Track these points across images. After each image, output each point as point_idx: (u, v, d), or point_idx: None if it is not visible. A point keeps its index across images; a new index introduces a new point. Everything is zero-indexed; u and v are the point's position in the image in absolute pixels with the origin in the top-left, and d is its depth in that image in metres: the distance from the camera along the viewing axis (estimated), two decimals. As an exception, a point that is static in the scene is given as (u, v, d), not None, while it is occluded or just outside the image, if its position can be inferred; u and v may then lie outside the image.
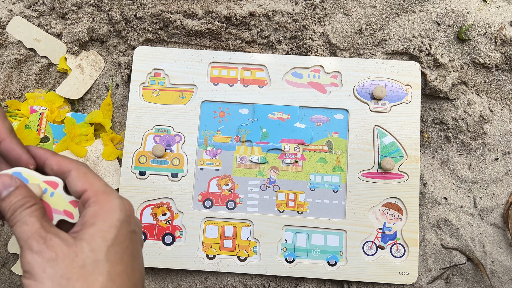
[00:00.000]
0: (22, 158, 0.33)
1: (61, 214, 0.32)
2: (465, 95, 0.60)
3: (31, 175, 0.32)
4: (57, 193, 0.32)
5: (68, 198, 0.33)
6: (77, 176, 0.32)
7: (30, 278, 0.27)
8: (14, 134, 0.35)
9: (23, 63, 0.61)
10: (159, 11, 0.59)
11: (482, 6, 0.61)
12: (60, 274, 0.27)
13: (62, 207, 0.32)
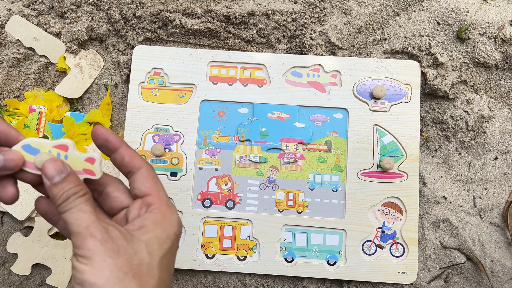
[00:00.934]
0: (11, 133, 0.32)
1: (82, 174, 0.32)
2: (465, 94, 0.60)
3: (40, 144, 0.32)
4: (70, 154, 0.32)
5: (82, 156, 0.32)
6: (147, 177, 0.33)
7: (88, 264, 0.28)
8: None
9: (22, 62, 0.60)
10: (158, 10, 0.59)
11: (481, 5, 0.61)
12: (119, 267, 0.28)
13: (81, 167, 0.32)
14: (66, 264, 0.57)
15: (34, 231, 0.57)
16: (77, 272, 0.28)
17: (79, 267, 0.28)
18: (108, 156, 0.34)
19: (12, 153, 0.31)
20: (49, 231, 0.57)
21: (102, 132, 0.33)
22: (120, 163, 0.34)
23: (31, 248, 0.56)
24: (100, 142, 0.33)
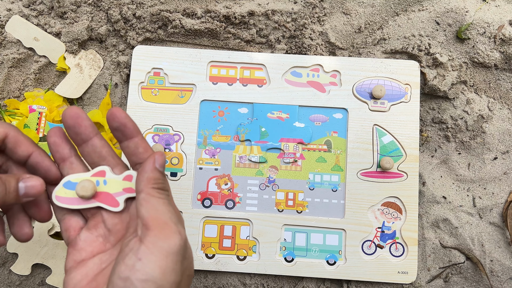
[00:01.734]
0: (51, 170, 0.34)
1: (123, 194, 0.33)
2: (464, 94, 0.60)
3: (79, 177, 0.33)
4: (109, 179, 0.33)
5: (120, 177, 0.33)
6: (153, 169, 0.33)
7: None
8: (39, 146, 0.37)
9: (22, 62, 0.60)
10: (158, 10, 0.59)
11: (481, 5, 0.61)
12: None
13: (120, 187, 0.33)
14: (66, 264, 0.57)
15: (34, 231, 0.57)
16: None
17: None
18: (119, 142, 0.33)
19: (33, 180, 0.31)
20: (49, 231, 0.57)
21: (121, 116, 0.32)
22: (132, 153, 0.33)
23: (31, 248, 0.56)
24: (116, 125, 0.32)
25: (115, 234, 0.33)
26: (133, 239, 0.29)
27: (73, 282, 0.31)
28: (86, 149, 0.33)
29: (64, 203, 0.33)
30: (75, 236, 0.33)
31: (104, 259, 0.32)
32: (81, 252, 0.32)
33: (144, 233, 0.28)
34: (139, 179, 0.31)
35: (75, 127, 0.32)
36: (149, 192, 0.30)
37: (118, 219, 0.33)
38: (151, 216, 0.29)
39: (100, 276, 0.31)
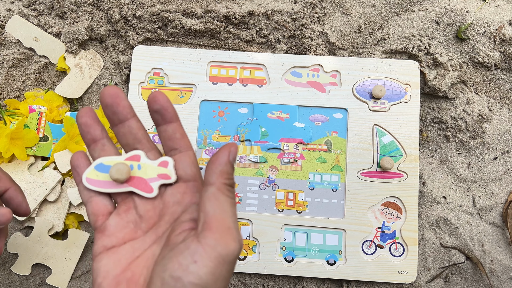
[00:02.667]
0: (22, 205, 0.36)
1: (157, 180, 0.31)
2: (464, 94, 0.60)
3: (112, 160, 0.32)
4: (143, 163, 0.32)
5: (155, 162, 0.32)
6: (194, 162, 0.32)
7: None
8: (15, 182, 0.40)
9: (22, 62, 0.61)
10: (158, 10, 0.59)
11: (481, 5, 0.61)
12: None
13: (155, 173, 0.32)
14: (66, 264, 0.57)
15: (34, 231, 0.57)
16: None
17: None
18: (157, 125, 0.32)
19: (2, 210, 0.32)
20: (49, 231, 0.57)
21: (163, 100, 0.31)
22: (170, 137, 0.32)
23: (31, 248, 0.56)
24: (157, 108, 0.31)
25: (147, 221, 0.31)
26: (190, 237, 0.27)
27: (105, 269, 0.29)
28: (122, 129, 0.32)
29: (95, 186, 0.32)
30: (103, 220, 0.31)
31: (137, 247, 0.30)
32: (111, 238, 0.31)
33: (205, 233, 0.26)
34: (212, 170, 0.29)
35: (113, 106, 0.31)
36: (220, 188, 0.28)
37: (150, 205, 0.32)
38: (216, 216, 0.27)
39: (134, 266, 0.29)
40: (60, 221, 0.57)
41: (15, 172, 0.57)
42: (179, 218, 0.30)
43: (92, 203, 0.32)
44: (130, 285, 0.28)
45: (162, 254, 0.28)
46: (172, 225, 0.30)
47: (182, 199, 0.31)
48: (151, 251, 0.30)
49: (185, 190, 0.31)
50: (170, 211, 0.31)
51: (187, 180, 0.31)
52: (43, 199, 0.57)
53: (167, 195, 0.32)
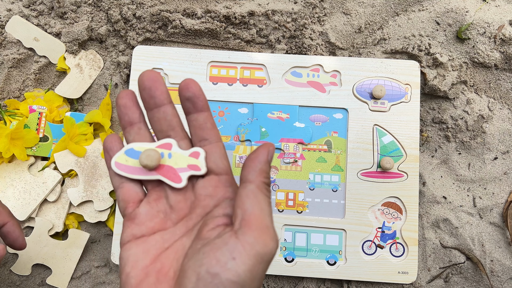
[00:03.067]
0: (18, 240, 0.39)
1: (187, 171, 0.31)
2: (465, 94, 0.60)
3: (142, 146, 0.31)
4: (174, 152, 0.31)
5: (186, 152, 0.31)
6: (224, 155, 0.32)
7: None
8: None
9: (22, 62, 0.60)
10: (158, 10, 0.59)
11: (481, 5, 0.61)
12: None
13: (185, 163, 0.31)
14: (66, 264, 0.57)
15: (34, 231, 0.57)
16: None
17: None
18: (188, 114, 0.31)
19: None
20: (49, 231, 0.57)
21: (196, 88, 0.30)
22: (200, 126, 0.31)
23: (32, 248, 0.56)
24: (189, 95, 0.30)
25: (177, 212, 0.31)
26: (226, 233, 0.26)
27: (134, 259, 0.28)
28: (157, 114, 0.31)
29: (124, 171, 0.31)
30: (133, 208, 0.31)
31: (166, 238, 0.30)
32: (140, 226, 0.30)
33: (244, 230, 0.26)
34: (251, 168, 0.28)
35: (151, 90, 0.30)
36: (259, 186, 0.28)
37: (182, 196, 0.31)
38: (256, 214, 0.26)
39: (164, 257, 0.29)
40: (60, 221, 0.57)
41: (15, 173, 0.57)
42: (211, 213, 0.30)
43: (123, 189, 0.31)
44: (159, 277, 0.28)
45: (194, 248, 0.28)
46: (204, 218, 0.30)
47: (215, 193, 0.30)
48: (181, 243, 0.29)
49: (217, 183, 0.31)
50: (201, 204, 0.30)
51: (219, 173, 0.31)
52: (43, 199, 0.57)
53: (198, 187, 0.31)
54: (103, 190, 0.57)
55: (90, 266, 0.58)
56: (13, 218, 0.44)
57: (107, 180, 0.58)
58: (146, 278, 0.28)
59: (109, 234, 0.59)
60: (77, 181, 0.58)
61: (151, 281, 0.27)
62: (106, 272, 0.58)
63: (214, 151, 0.31)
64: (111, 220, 0.58)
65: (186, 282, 0.26)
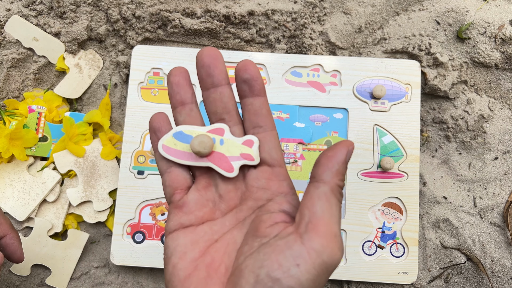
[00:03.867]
0: (16, 252, 0.41)
1: (239, 159, 0.28)
2: (465, 94, 0.60)
3: (193, 130, 0.29)
4: (226, 139, 0.29)
5: (239, 140, 0.29)
6: (279, 146, 0.29)
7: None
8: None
9: (21, 62, 0.60)
10: (157, 10, 0.59)
11: (481, 5, 0.61)
12: None
13: (238, 152, 0.29)
14: (66, 264, 0.57)
15: (33, 232, 0.56)
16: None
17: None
18: (243, 97, 0.29)
19: None
20: (48, 232, 0.57)
21: (254, 70, 0.28)
22: (255, 112, 0.29)
23: (31, 249, 0.56)
24: (246, 77, 0.29)
25: (227, 202, 0.29)
26: (288, 234, 0.24)
27: (182, 250, 0.27)
28: (213, 95, 0.29)
29: (172, 156, 0.29)
30: (181, 195, 0.29)
31: (215, 229, 0.28)
32: (189, 215, 0.28)
33: (311, 235, 0.23)
34: (327, 167, 0.25)
35: (210, 68, 0.29)
36: (333, 189, 0.25)
37: (232, 186, 0.29)
38: (325, 219, 0.24)
39: (214, 250, 0.27)
40: (59, 221, 0.57)
41: (15, 173, 0.57)
42: (265, 207, 0.28)
43: (171, 175, 0.29)
44: (210, 272, 0.26)
45: (250, 245, 0.26)
46: (256, 212, 0.28)
47: (268, 186, 0.28)
48: (231, 236, 0.27)
49: (270, 176, 0.29)
50: (254, 196, 0.28)
51: (272, 164, 0.29)
52: (42, 199, 0.57)
53: (251, 178, 0.29)
54: (103, 190, 0.57)
55: (90, 267, 0.58)
56: (13, 230, 0.45)
57: (106, 180, 0.57)
58: (196, 272, 0.26)
59: (109, 235, 0.59)
60: (76, 181, 0.58)
61: (201, 275, 0.26)
62: (105, 272, 0.58)
63: (268, 140, 0.29)
64: (111, 221, 0.58)
65: (242, 282, 0.24)
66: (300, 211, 0.25)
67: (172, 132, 0.29)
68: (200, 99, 0.58)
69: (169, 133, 0.29)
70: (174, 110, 0.30)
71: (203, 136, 0.28)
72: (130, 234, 0.55)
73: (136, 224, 0.55)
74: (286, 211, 0.27)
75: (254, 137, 0.29)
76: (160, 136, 0.29)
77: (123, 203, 0.55)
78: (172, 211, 0.28)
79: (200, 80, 0.29)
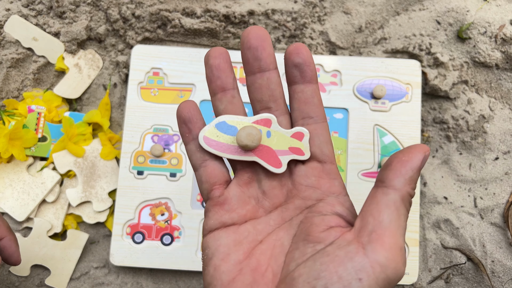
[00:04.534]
0: (13, 256, 0.41)
1: (288, 154, 0.26)
2: (465, 94, 0.60)
3: (237, 121, 0.26)
4: (274, 130, 0.26)
5: (288, 132, 0.26)
6: (330, 141, 0.27)
7: None
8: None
9: (20, 62, 0.60)
10: (157, 10, 0.59)
11: (482, 5, 0.60)
12: None
13: (286, 146, 0.26)
14: (65, 265, 0.57)
15: (33, 232, 0.56)
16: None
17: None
18: (293, 83, 0.27)
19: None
20: (48, 232, 0.57)
21: (307, 54, 0.26)
22: (306, 101, 0.26)
23: (30, 249, 0.56)
24: (298, 62, 0.26)
25: (271, 199, 0.27)
26: (347, 242, 0.22)
27: (225, 251, 0.24)
28: (260, 81, 0.27)
29: (215, 149, 0.26)
30: (221, 191, 0.26)
31: (259, 228, 0.26)
32: (231, 213, 0.26)
33: (375, 247, 0.21)
34: (400, 172, 0.23)
35: (257, 50, 0.26)
36: (404, 197, 0.23)
37: (277, 181, 0.27)
38: (392, 230, 0.22)
39: (259, 253, 0.24)
40: (59, 222, 0.57)
41: (14, 173, 0.57)
42: (316, 208, 0.25)
43: (207, 169, 0.27)
44: (255, 277, 0.24)
45: (302, 251, 0.23)
46: (305, 213, 0.26)
47: (318, 185, 0.26)
48: (278, 238, 0.25)
49: (320, 173, 0.26)
50: (302, 195, 0.26)
51: (323, 160, 0.26)
52: (42, 199, 0.57)
53: (298, 175, 0.27)
54: (102, 191, 0.57)
55: (89, 267, 0.58)
56: (11, 233, 0.45)
57: (106, 180, 0.57)
58: (240, 276, 0.24)
59: (108, 235, 0.58)
60: (76, 182, 0.58)
61: (246, 280, 0.23)
62: (105, 273, 0.58)
63: (319, 133, 0.26)
64: (110, 221, 0.58)
65: None
66: (363, 217, 0.23)
67: (215, 122, 0.26)
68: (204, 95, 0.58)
69: (212, 123, 0.26)
70: (214, 97, 0.27)
71: (251, 127, 0.25)
72: (130, 234, 0.55)
73: (136, 224, 0.55)
74: (340, 214, 0.25)
75: (305, 129, 0.26)
76: (192, 127, 0.27)
77: (123, 203, 0.55)
78: (212, 208, 0.26)
79: (246, 63, 0.27)
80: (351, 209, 0.27)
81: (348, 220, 0.25)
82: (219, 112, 0.27)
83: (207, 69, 0.27)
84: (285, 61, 0.26)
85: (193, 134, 0.27)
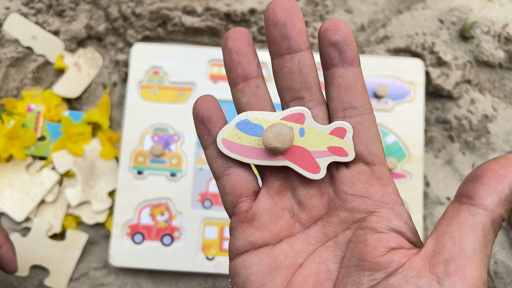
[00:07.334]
0: (11, 264, 0.42)
1: (328, 155, 0.21)
2: (468, 93, 0.59)
3: (263, 117, 0.22)
4: (308, 127, 0.22)
5: (326, 129, 0.22)
6: (378, 139, 0.22)
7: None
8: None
9: (20, 61, 0.60)
10: (157, 8, 0.58)
11: (485, 4, 0.60)
12: None
13: (325, 145, 0.21)
14: (65, 265, 0.56)
15: (32, 232, 0.56)
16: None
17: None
18: (330, 67, 0.22)
19: None
20: (47, 232, 0.56)
21: (346, 31, 0.21)
22: (347, 87, 0.21)
23: (29, 249, 0.56)
24: (336, 40, 0.21)
25: (309, 211, 0.22)
26: (422, 274, 0.17)
27: (258, 279, 0.20)
28: (289, 64, 0.22)
29: (236, 153, 0.22)
30: (249, 204, 0.22)
31: (297, 249, 0.21)
32: (262, 231, 0.21)
33: (454, 281, 0.17)
34: (494, 188, 0.18)
35: (286, 26, 0.20)
36: (495, 221, 0.18)
37: (315, 189, 0.22)
38: (476, 262, 0.17)
39: (301, 281, 0.20)
40: (58, 222, 0.57)
41: (13, 173, 0.57)
42: (368, 223, 0.20)
43: (231, 178, 0.22)
44: None
45: (355, 279, 0.19)
46: (353, 229, 0.21)
47: (368, 193, 0.21)
48: (321, 259, 0.21)
49: (369, 178, 0.21)
50: (347, 206, 0.21)
51: (372, 162, 0.21)
52: (41, 199, 0.56)
53: (342, 181, 0.22)
54: (102, 191, 0.57)
55: (89, 268, 0.58)
56: (9, 241, 0.45)
57: (105, 180, 0.57)
58: None
59: (108, 236, 0.58)
60: (75, 182, 0.58)
61: None
62: (104, 273, 0.58)
63: (365, 127, 0.21)
64: (109, 221, 0.57)
65: None
66: (438, 240, 0.18)
67: (235, 121, 0.22)
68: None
69: (231, 122, 0.22)
70: (234, 88, 0.23)
71: (280, 126, 0.21)
72: (130, 235, 0.54)
73: (136, 224, 0.55)
74: (399, 231, 0.20)
75: (347, 124, 0.22)
76: (212, 127, 0.22)
77: (123, 204, 0.54)
78: (239, 226, 0.22)
79: (272, 43, 0.22)
80: (410, 222, 0.21)
81: (409, 239, 0.20)
82: (242, 106, 0.23)
83: (225, 55, 0.22)
84: (320, 40, 0.21)
85: (213, 136, 0.22)
